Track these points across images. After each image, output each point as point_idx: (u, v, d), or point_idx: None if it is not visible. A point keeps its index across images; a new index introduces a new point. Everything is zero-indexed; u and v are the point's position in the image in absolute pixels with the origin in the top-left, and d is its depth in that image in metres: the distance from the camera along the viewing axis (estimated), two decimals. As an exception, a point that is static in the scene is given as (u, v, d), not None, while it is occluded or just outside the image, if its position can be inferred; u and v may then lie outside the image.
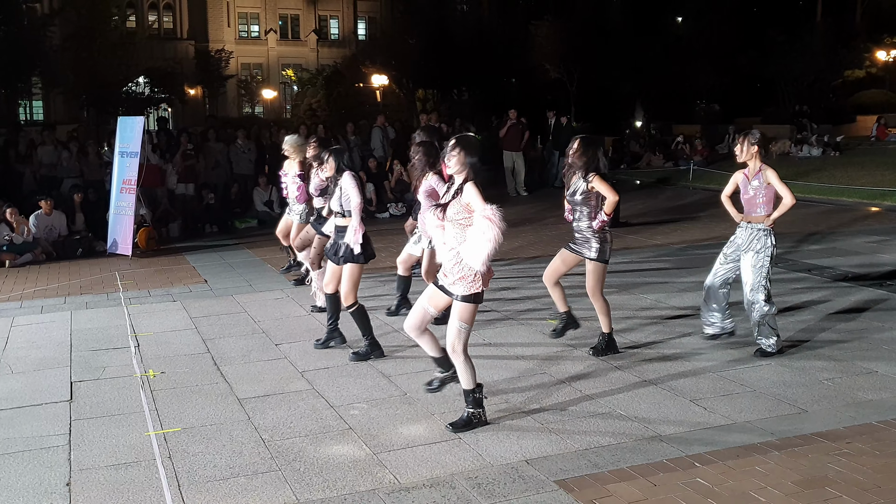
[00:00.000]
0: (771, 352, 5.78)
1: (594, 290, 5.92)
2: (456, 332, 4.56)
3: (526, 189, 16.79)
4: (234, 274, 9.68)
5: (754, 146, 5.75)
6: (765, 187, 5.72)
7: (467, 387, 4.67)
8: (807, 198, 14.59)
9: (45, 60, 26.46)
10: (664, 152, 21.97)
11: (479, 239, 4.33)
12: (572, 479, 4.05)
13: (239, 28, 47.47)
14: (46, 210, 11.36)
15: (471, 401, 4.68)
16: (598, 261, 5.87)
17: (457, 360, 4.62)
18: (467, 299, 4.51)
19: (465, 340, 4.59)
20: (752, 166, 5.79)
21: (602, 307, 5.96)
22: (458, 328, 4.56)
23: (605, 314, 5.97)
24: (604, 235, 5.87)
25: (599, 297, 5.94)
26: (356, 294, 6.09)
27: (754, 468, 4.10)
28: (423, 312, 4.76)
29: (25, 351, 6.65)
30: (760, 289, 5.72)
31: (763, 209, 5.75)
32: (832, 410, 4.86)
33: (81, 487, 4.17)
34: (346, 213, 6.09)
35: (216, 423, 4.96)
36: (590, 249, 5.87)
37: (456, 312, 4.56)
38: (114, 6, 31.49)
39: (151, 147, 13.44)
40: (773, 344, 5.79)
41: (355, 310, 6.07)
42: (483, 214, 4.34)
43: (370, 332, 6.13)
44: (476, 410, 4.70)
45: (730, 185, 6.04)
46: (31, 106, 36.63)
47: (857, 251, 9.71)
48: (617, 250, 10.31)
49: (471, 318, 4.56)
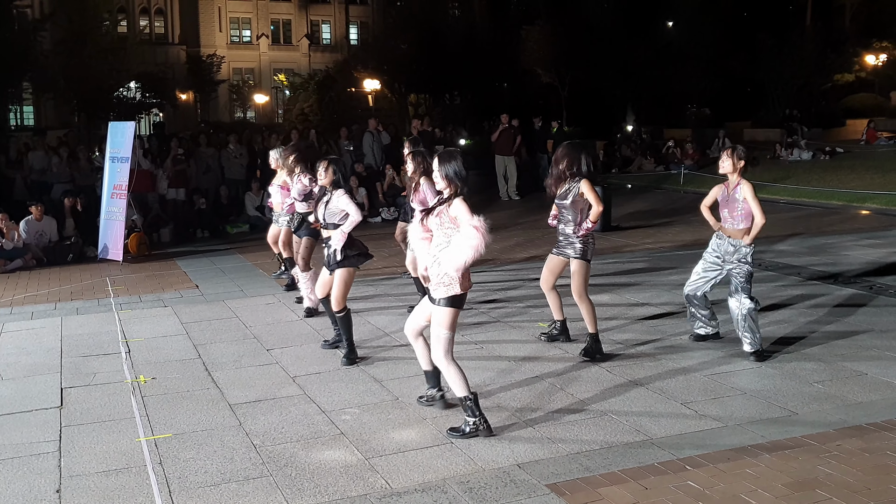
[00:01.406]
0: (758, 349, 5.83)
1: (580, 290, 5.99)
2: (436, 340, 4.57)
3: (518, 193, 16.82)
4: (226, 279, 9.66)
5: (742, 161, 5.85)
6: (742, 201, 5.79)
7: (459, 395, 4.66)
8: (796, 201, 14.69)
9: (35, 65, 26.37)
10: (655, 156, 22.06)
11: (462, 245, 4.38)
12: (564, 482, 4.06)
13: (231, 33, 47.47)
14: (37, 216, 11.31)
15: (468, 408, 4.66)
16: (582, 259, 5.97)
17: (443, 368, 4.62)
18: (446, 303, 4.52)
19: (449, 348, 4.58)
20: (732, 180, 5.87)
21: (588, 309, 6.02)
22: (437, 336, 4.56)
23: (592, 316, 6.04)
24: (586, 237, 5.99)
25: (585, 299, 6.01)
26: (345, 299, 6.13)
27: (745, 471, 4.11)
28: (419, 318, 4.79)
29: (15, 357, 6.62)
30: (745, 291, 5.80)
31: (741, 223, 5.83)
32: (822, 413, 4.88)
33: (71, 494, 4.15)
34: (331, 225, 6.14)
35: (207, 428, 4.94)
36: (573, 249, 5.99)
37: (435, 319, 4.57)
38: (105, 11, 31.45)
39: (143, 152, 13.41)
40: (758, 341, 5.84)
41: (342, 316, 6.12)
42: (471, 224, 4.39)
43: (351, 338, 6.18)
44: (473, 419, 4.64)
45: (710, 196, 6.14)
46: (21, 111, 36.49)
47: (845, 252, 9.77)
48: (608, 253, 10.40)
49: (451, 324, 4.56)
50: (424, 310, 4.74)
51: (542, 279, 6.29)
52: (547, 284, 6.27)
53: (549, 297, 6.36)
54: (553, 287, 6.28)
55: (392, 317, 7.47)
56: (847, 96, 35.64)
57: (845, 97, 35.59)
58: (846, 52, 33.61)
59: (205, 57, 41.97)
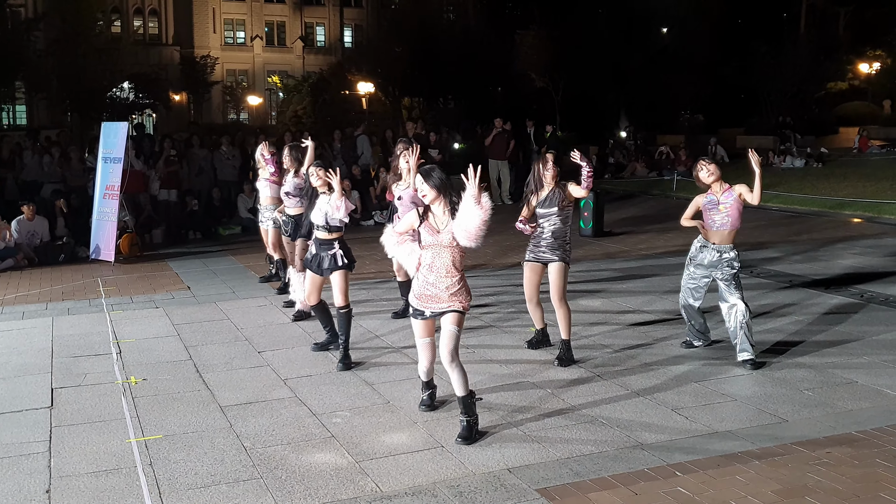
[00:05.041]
0: (752, 358, 5.84)
1: (560, 294, 6.03)
2: (449, 336, 4.62)
3: (511, 197, 16.84)
4: (218, 281, 9.64)
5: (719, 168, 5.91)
6: (735, 200, 5.81)
7: (462, 393, 4.67)
8: (788, 208, 14.75)
9: (28, 64, 26.28)
10: (648, 162, 22.12)
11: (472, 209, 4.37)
12: (554, 487, 4.06)
13: (225, 34, 47.34)
14: (28, 215, 11.26)
15: (465, 407, 4.66)
16: (564, 262, 6.03)
17: (455, 368, 4.65)
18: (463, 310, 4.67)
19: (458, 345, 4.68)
20: (718, 187, 5.89)
21: (566, 314, 6.05)
22: (451, 333, 4.63)
23: (568, 321, 6.07)
24: (565, 241, 6.08)
25: (564, 303, 6.05)
26: (348, 297, 6.18)
27: (735, 477, 4.13)
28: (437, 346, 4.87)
29: (6, 357, 6.59)
30: (737, 293, 5.83)
31: (731, 224, 5.85)
32: (812, 420, 4.90)
33: (61, 494, 4.13)
34: (331, 227, 6.19)
35: (198, 430, 4.93)
36: (553, 254, 6.04)
37: (451, 319, 4.64)
38: (99, 11, 31.34)
39: (135, 153, 13.36)
40: (752, 349, 5.86)
41: (346, 312, 6.14)
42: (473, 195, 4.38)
43: (348, 338, 6.20)
44: (472, 417, 4.68)
45: (690, 208, 6.13)
46: (14, 111, 36.33)
47: (837, 260, 9.82)
48: (600, 258, 10.43)
49: (462, 323, 4.70)
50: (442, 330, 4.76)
51: (528, 293, 6.24)
52: (534, 299, 6.24)
53: (533, 309, 6.32)
54: (538, 302, 6.27)
55: (382, 320, 7.47)
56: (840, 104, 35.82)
57: (838, 105, 35.78)
58: (840, 60, 33.79)
59: (198, 58, 41.84)
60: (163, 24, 44.92)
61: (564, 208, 6.05)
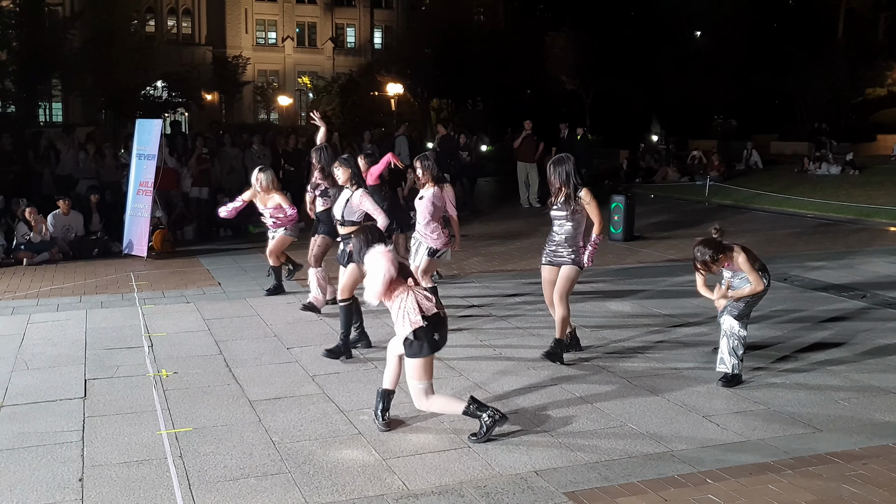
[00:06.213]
0: (728, 374, 5.55)
1: (563, 294, 6.02)
2: (414, 393, 4.64)
3: (539, 200, 16.77)
4: (248, 277, 9.72)
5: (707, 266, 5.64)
6: (738, 267, 5.60)
7: (458, 413, 4.65)
8: (824, 216, 14.51)
9: (64, 63, 26.72)
10: (680, 166, 21.91)
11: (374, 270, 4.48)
12: (582, 491, 4.03)
13: (256, 35, 47.80)
14: (64, 210, 11.45)
15: (474, 412, 4.62)
16: (576, 265, 6.01)
17: (434, 409, 4.68)
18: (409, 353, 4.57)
19: (428, 391, 4.62)
20: (727, 269, 5.69)
21: (565, 314, 6.04)
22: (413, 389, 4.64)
23: (565, 321, 6.07)
24: (577, 245, 6.04)
25: (564, 303, 6.04)
26: (353, 292, 6.24)
27: (767, 486, 4.06)
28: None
29: (41, 348, 6.70)
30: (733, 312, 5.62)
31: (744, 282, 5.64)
32: (847, 431, 4.81)
33: (93, 483, 4.19)
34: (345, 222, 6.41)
35: (227, 423, 4.97)
36: (566, 257, 6.03)
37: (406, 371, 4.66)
38: (133, 10, 31.81)
39: (168, 150, 13.53)
40: (733, 365, 5.58)
41: (349, 305, 6.23)
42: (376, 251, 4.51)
43: (349, 332, 6.27)
44: (485, 415, 4.60)
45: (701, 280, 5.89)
46: (50, 107, 36.99)
47: (875, 269, 9.63)
48: (631, 262, 10.34)
49: (422, 374, 4.59)
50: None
51: (547, 296, 6.24)
52: (551, 300, 6.21)
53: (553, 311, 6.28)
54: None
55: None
56: (878, 111, 35.13)
57: (876, 111, 35.09)
58: (878, 66, 33.14)
59: (230, 58, 42.27)
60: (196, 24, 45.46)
61: (576, 213, 5.99)
